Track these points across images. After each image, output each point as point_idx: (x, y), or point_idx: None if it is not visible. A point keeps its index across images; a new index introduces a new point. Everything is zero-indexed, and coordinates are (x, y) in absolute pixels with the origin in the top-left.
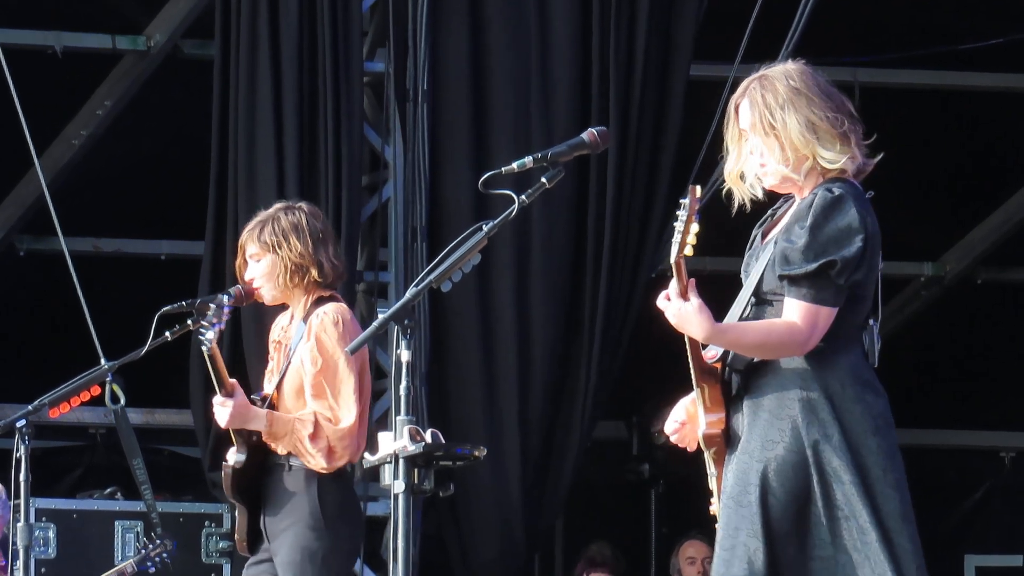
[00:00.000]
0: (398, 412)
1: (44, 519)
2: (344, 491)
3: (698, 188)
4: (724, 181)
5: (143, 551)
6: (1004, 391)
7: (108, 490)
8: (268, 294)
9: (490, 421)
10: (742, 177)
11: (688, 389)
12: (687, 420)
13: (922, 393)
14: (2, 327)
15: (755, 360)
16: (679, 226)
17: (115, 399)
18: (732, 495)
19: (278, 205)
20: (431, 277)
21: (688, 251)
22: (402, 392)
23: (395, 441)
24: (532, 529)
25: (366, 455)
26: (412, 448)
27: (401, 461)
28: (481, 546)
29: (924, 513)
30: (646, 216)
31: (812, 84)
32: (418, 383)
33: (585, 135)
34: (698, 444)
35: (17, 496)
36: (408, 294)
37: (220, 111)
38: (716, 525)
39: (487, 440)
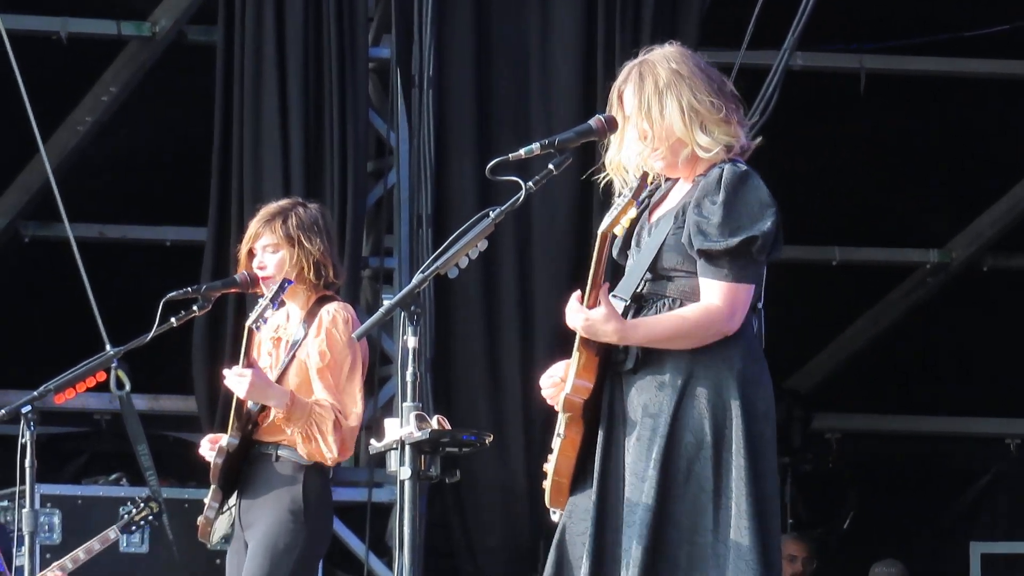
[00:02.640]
0: (404, 398)
1: (49, 505)
2: (326, 485)
3: (649, 175)
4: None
5: (126, 516)
6: (1010, 378)
7: (113, 476)
8: (285, 291)
9: (495, 407)
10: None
11: None
12: (564, 378)
13: (927, 380)
14: (7, 313)
15: None
16: (619, 203)
17: (120, 385)
18: (635, 471)
19: (290, 199)
20: (437, 264)
21: (619, 230)
22: (408, 378)
23: (401, 427)
24: (537, 516)
25: (372, 441)
26: (418, 434)
27: (407, 447)
28: (486, 533)
29: (929, 500)
30: None
31: (693, 67)
32: (423, 369)
33: (593, 122)
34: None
35: (22, 482)
36: (414, 280)
37: (223, 98)
38: (544, 484)
39: (492, 427)
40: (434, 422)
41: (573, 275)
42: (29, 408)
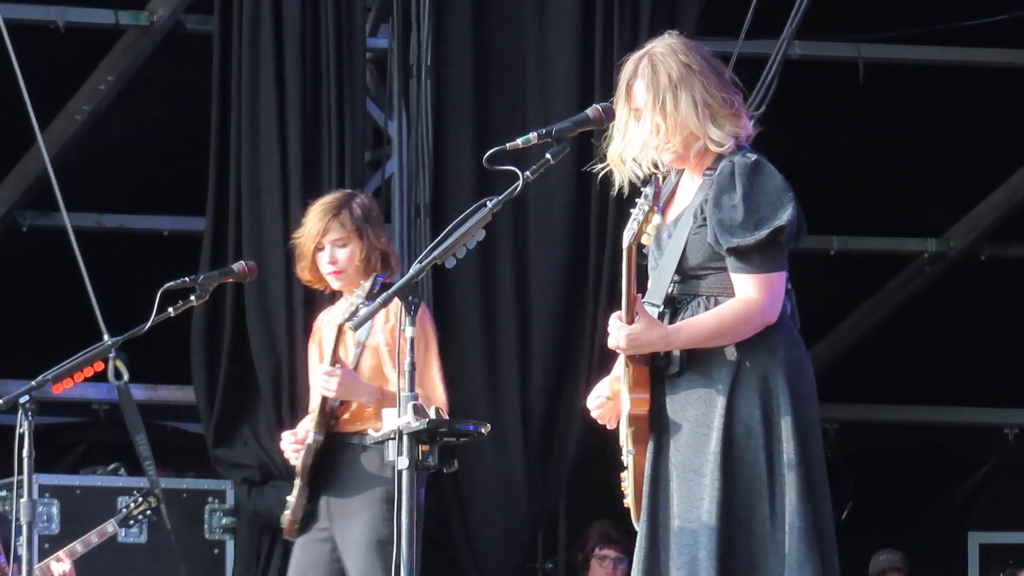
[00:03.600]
0: (402, 389)
1: (47, 495)
2: None
3: (662, 177)
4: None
5: (124, 510)
6: (1008, 368)
7: (111, 466)
8: (344, 280)
9: (492, 398)
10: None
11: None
12: (611, 397)
13: (926, 370)
14: (5, 303)
15: None
16: (638, 213)
17: (118, 375)
18: (692, 467)
19: (342, 191)
20: (435, 253)
21: (645, 239)
22: (406, 368)
23: (399, 417)
24: (535, 506)
25: (370, 431)
26: (416, 424)
27: (405, 437)
28: (484, 523)
29: (928, 490)
30: None
31: (701, 60)
32: None
33: (590, 111)
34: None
35: (20, 472)
36: (412, 270)
37: (220, 87)
38: (625, 502)
39: (490, 417)
40: (432, 412)
41: (570, 264)
42: (27, 398)
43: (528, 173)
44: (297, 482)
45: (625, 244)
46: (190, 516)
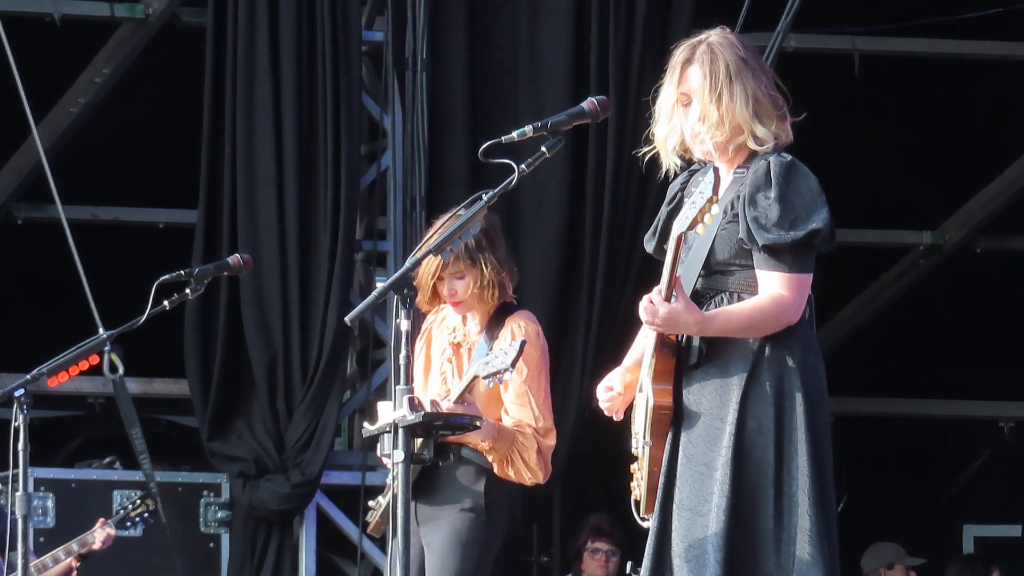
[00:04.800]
0: (397, 381)
1: (43, 489)
2: (507, 485)
3: (722, 168)
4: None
5: (122, 511)
6: (1003, 361)
7: (106, 460)
8: (470, 308)
9: None
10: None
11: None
12: (623, 390)
13: (920, 363)
14: (0, 296)
15: None
16: (697, 201)
17: (113, 368)
18: (704, 461)
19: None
20: (432, 247)
21: (700, 229)
22: (401, 361)
23: (395, 410)
24: (529, 499)
25: (365, 424)
26: (411, 417)
27: (400, 430)
28: None
29: (923, 483)
30: (645, 185)
31: (753, 57)
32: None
33: (585, 104)
34: (625, 414)
35: (16, 466)
36: (407, 263)
37: (213, 80)
38: (634, 495)
39: None
40: (427, 405)
41: (567, 256)
42: (22, 391)
43: (523, 166)
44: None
45: (675, 233)
46: (185, 510)
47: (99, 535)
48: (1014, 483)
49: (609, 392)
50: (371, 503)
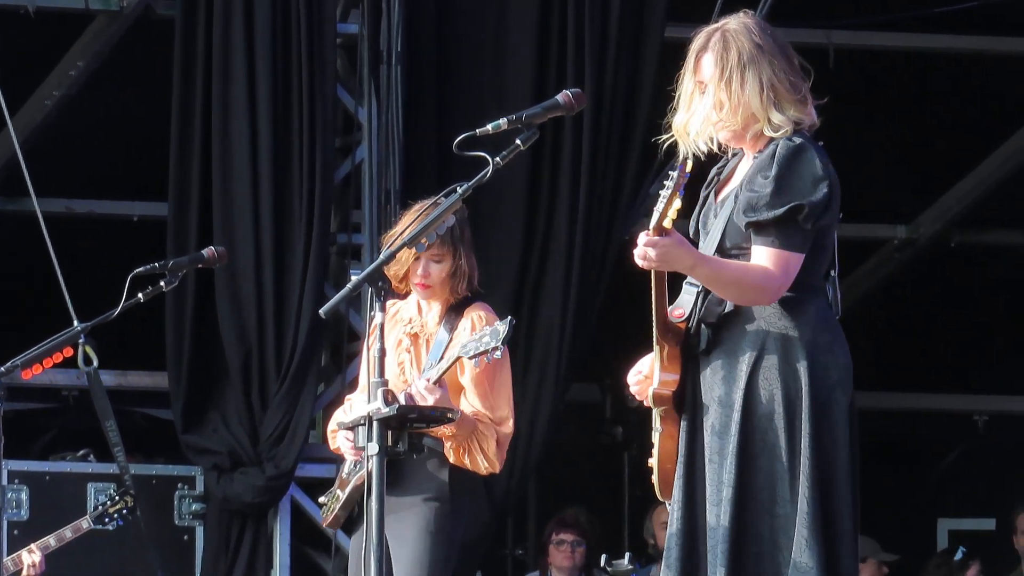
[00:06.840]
0: (371, 375)
1: (16, 481)
2: (469, 473)
3: (688, 162)
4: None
5: (99, 508)
6: (977, 354)
7: (81, 452)
8: (433, 295)
9: None
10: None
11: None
12: (649, 375)
13: (895, 356)
14: None
15: (726, 311)
16: (663, 195)
17: (88, 361)
18: (718, 450)
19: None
20: (406, 239)
21: (667, 223)
22: (375, 354)
23: (368, 403)
24: (505, 492)
25: (338, 414)
26: (386, 410)
27: (375, 423)
28: None
29: (897, 477)
30: (620, 177)
31: (772, 43)
32: None
33: (560, 97)
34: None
35: None
36: (381, 256)
37: (182, 72)
38: (653, 479)
39: None
40: (402, 398)
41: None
42: None
43: (498, 159)
44: (349, 478)
45: (652, 226)
46: (160, 502)
47: (26, 558)
48: (988, 477)
49: (638, 376)
50: (322, 499)
